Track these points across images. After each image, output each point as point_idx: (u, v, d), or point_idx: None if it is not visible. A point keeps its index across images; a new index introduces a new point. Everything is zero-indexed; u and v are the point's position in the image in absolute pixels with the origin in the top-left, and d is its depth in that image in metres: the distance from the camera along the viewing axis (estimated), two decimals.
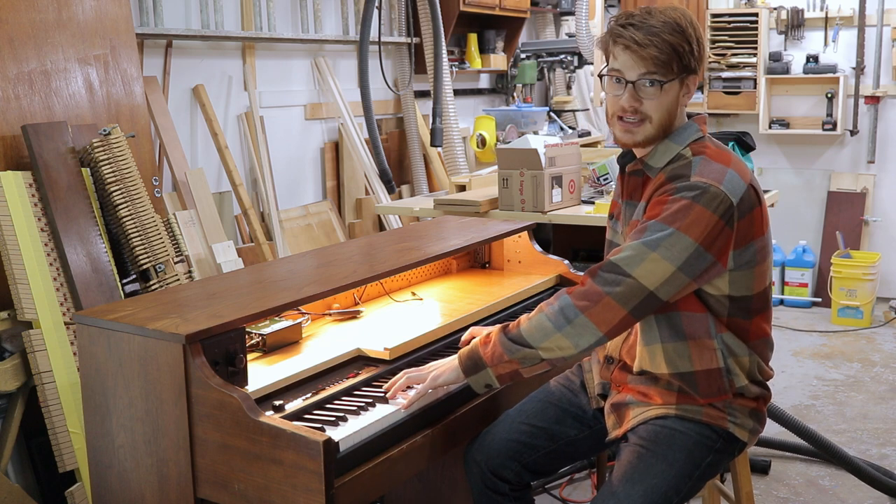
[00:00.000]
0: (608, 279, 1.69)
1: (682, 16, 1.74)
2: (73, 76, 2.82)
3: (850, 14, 5.55)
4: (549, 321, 1.71)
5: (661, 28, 1.71)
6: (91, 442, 1.90)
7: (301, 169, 4.29)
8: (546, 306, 1.75)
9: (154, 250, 2.76)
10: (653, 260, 1.66)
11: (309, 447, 1.53)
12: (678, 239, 1.66)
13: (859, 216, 5.65)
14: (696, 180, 1.69)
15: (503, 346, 1.75)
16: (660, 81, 1.73)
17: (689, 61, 1.74)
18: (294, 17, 4.20)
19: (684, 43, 1.72)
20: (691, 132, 1.80)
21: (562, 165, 3.29)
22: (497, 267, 2.85)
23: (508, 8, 5.30)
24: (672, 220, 1.67)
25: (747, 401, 1.83)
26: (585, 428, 1.98)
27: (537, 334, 1.72)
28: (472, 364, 1.79)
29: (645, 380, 1.83)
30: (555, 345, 1.71)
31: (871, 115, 5.61)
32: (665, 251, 1.66)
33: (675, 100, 1.77)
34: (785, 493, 3.14)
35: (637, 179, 1.86)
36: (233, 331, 1.75)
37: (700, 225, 1.66)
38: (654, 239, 1.67)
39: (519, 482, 1.97)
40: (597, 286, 1.69)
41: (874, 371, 4.44)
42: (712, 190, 1.68)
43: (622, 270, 1.68)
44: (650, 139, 1.79)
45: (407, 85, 4.83)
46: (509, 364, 1.75)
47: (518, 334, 1.75)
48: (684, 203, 1.68)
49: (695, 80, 1.78)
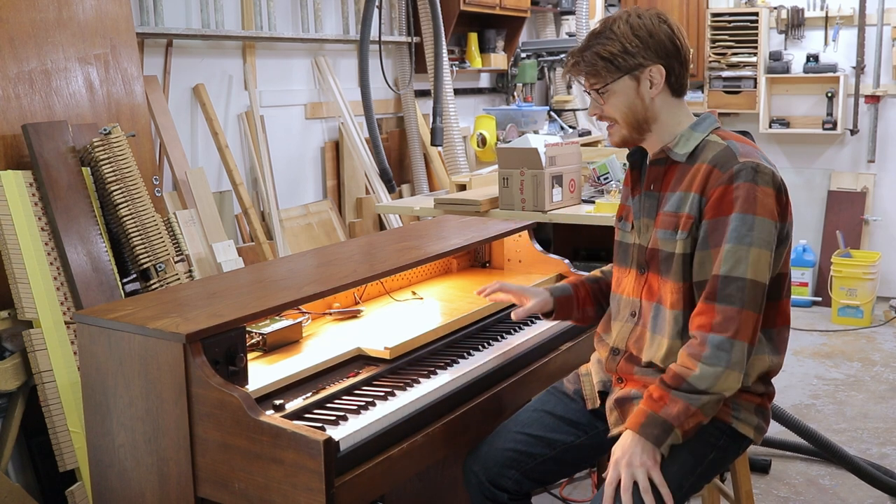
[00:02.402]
0: (734, 294, 1.70)
1: (620, 19, 1.81)
2: (73, 75, 2.82)
3: (851, 13, 5.55)
4: (711, 366, 1.68)
5: (592, 43, 1.82)
6: (91, 441, 1.90)
7: (301, 168, 4.29)
8: (696, 354, 1.70)
9: (154, 249, 2.76)
10: (753, 253, 1.70)
11: (309, 446, 1.54)
12: (761, 224, 1.71)
13: (859, 215, 5.65)
14: (744, 161, 1.74)
15: (686, 400, 1.69)
16: (599, 88, 1.82)
17: (626, 60, 1.79)
18: (294, 17, 4.20)
19: (613, 46, 1.79)
20: (711, 121, 1.86)
21: (562, 165, 3.29)
22: (497, 266, 2.85)
23: (509, 7, 5.30)
24: (747, 207, 1.71)
25: (752, 396, 1.83)
26: (582, 434, 1.99)
27: (709, 381, 1.69)
28: (661, 433, 1.70)
29: (652, 372, 1.83)
30: (723, 382, 1.69)
31: (872, 115, 5.61)
32: (758, 240, 1.70)
33: (635, 95, 1.81)
34: (785, 493, 3.15)
35: (659, 169, 1.87)
36: (233, 330, 1.75)
37: (769, 203, 1.73)
38: (742, 233, 1.71)
39: (518, 491, 1.97)
40: (730, 307, 1.70)
41: (874, 370, 4.44)
42: (763, 169, 1.74)
43: (738, 279, 1.70)
44: (627, 138, 1.87)
45: (407, 84, 4.83)
46: (694, 417, 1.70)
47: (690, 387, 1.69)
48: (748, 187, 1.72)
49: (658, 70, 1.80)
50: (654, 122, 1.83)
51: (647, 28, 1.79)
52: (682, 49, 1.82)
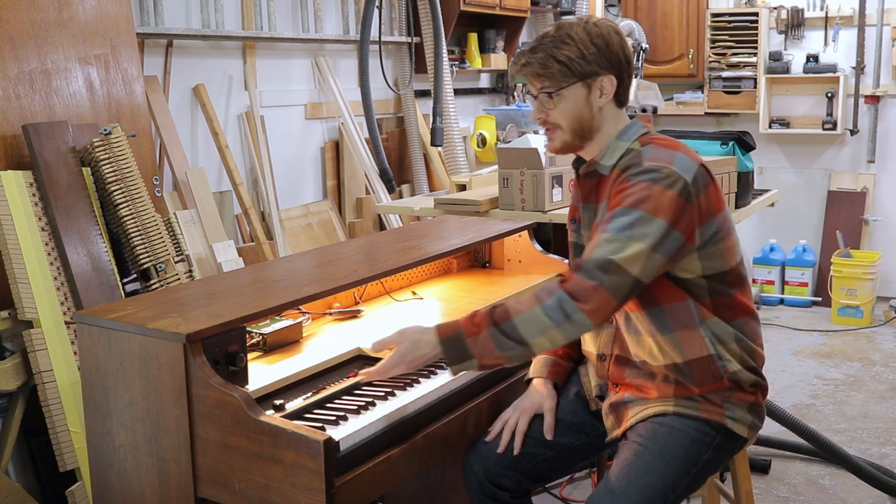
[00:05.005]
0: (596, 272, 1.69)
1: (576, 25, 1.82)
2: (73, 76, 2.83)
3: (850, 13, 5.55)
4: (547, 316, 1.69)
5: (547, 44, 1.81)
6: (91, 441, 1.90)
7: (301, 168, 4.29)
8: (541, 299, 1.71)
9: (154, 250, 2.76)
10: (631, 245, 1.68)
11: (309, 446, 1.54)
12: (648, 221, 1.69)
13: (859, 215, 5.65)
14: (648, 164, 1.75)
15: (495, 339, 1.70)
16: (550, 92, 1.82)
17: (581, 66, 1.79)
18: (294, 17, 4.20)
19: (569, 51, 1.79)
20: (637, 129, 1.86)
21: (562, 165, 3.29)
22: (497, 266, 2.85)
23: (509, 7, 5.30)
24: (636, 203, 1.71)
25: (745, 394, 1.83)
26: (582, 435, 1.99)
27: (533, 328, 1.69)
28: (458, 353, 1.72)
29: (642, 374, 1.84)
30: (548, 340, 1.70)
31: (871, 115, 5.61)
32: (639, 234, 1.69)
33: (584, 103, 1.82)
34: (785, 493, 3.15)
35: (591, 182, 1.90)
36: (233, 330, 1.76)
37: (664, 205, 1.70)
38: (625, 225, 1.70)
39: (518, 489, 1.97)
40: (588, 280, 1.69)
41: (874, 370, 4.44)
42: (665, 170, 1.72)
43: (606, 260, 1.69)
44: (568, 145, 1.87)
45: (407, 84, 4.84)
46: (497, 359, 1.72)
47: (511, 327, 1.70)
48: (643, 185, 1.72)
49: (609, 80, 1.81)
50: (597, 132, 1.85)
51: (603, 37, 1.81)
52: (631, 63, 1.85)
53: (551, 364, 2.04)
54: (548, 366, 2.04)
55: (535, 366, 2.06)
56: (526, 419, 1.96)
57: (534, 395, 2.00)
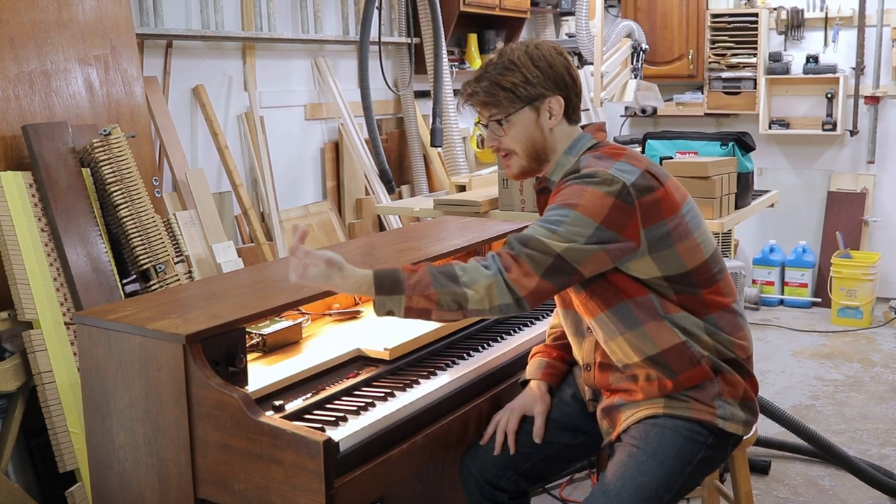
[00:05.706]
0: (516, 244, 1.71)
1: (518, 50, 1.82)
2: (73, 76, 2.83)
3: (850, 14, 5.55)
4: (484, 267, 1.70)
5: (491, 72, 1.82)
6: (91, 442, 1.90)
7: (301, 169, 4.29)
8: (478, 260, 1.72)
9: (154, 250, 2.76)
10: (556, 232, 1.69)
11: (309, 447, 1.54)
12: (578, 219, 1.70)
13: (859, 216, 5.65)
14: (585, 171, 1.76)
15: (431, 275, 1.68)
16: (500, 119, 1.83)
17: (527, 90, 1.80)
18: (294, 18, 4.20)
19: (514, 77, 1.80)
20: (584, 142, 1.87)
21: None
22: None
23: (508, 8, 5.30)
24: (565, 201, 1.72)
25: (733, 389, 1.82)
26: (580, 434, 2.00)
27: (471, 276, 1.68)
28: (390, 284, 1.67)
29: (626, 377, 1.84)
30: (483, 291, 1.67)
31: (871, 116, 5.61)
32: (567, 232, 1.69)
33: (534, 126, 1.83)
34: (785, 494, 3.15)
35: (545, 198, 1.90)
36: (233, 331, 1.76)
37: (596, 205, 1.70)
38: (554, 220, 1.71)
39: (516, 490, 1.98)
40: (509, 251, 1.71)
41: (874, 371, 4.44)
42: (601, 174, 1.73)
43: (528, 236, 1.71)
44: (526, 169, 1.89)
45: (407, 85, 4.84)
46: (427, 299, 1.67)
47: (449, 269, 1.69)
48: (576, 187, 1.74)
49: (557, 101, 1.82)
50: (552, 153, 1.86)
51: (546, 59, 1.82)
52: (577, 80, 1.86)
53: (546, 366, 2.05)
54: (543, 368, 2.04)
55: (531, 368, 2.07)
56: (516, 419, 1.96)
57: (526, 396, 2.01)
